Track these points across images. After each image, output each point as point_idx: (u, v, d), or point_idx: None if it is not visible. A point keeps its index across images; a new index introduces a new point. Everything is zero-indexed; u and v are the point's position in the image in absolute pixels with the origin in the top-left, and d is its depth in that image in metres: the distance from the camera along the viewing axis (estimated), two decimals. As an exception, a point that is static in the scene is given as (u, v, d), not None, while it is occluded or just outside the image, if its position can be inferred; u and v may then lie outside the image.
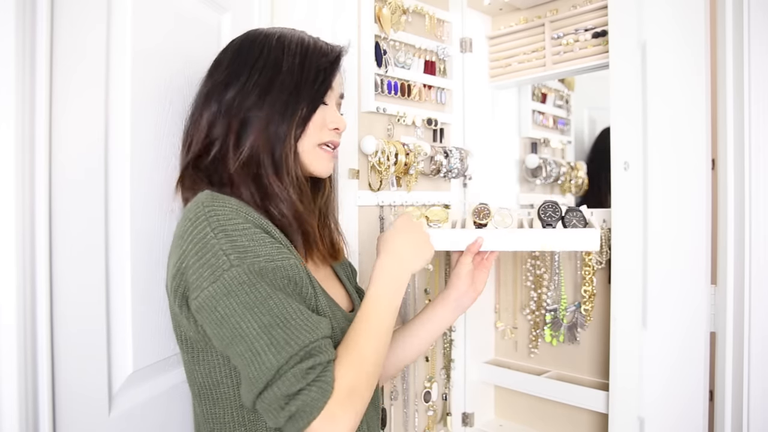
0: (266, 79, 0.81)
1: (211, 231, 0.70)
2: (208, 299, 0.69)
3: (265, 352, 0.67)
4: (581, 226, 1.04)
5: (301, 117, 0.83)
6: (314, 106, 0.84)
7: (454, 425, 1.64)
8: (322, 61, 0.85)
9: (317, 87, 0.84)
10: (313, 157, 0.86)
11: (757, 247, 1.09)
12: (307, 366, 0.67)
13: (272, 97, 0.81)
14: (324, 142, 0.87)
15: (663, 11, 1.21)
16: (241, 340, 0.68)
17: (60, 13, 0.72)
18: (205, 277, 0.69)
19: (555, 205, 1.07)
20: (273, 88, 0.81)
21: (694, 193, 1.17)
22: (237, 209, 0.74)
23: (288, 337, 0.68)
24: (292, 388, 0.66)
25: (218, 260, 0.69)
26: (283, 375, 0.66)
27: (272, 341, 0.67)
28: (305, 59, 0.84)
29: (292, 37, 0.86)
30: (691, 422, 1.18)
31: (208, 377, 0.79)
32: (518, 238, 1.05)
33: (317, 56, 0.85)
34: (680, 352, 1.20)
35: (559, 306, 1.53)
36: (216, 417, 0.79)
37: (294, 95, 0.82)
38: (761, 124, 1.09)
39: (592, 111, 2.20)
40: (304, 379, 0.67)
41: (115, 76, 0.83)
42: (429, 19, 1.57)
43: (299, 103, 0.82)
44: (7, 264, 0.66)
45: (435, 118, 1.56)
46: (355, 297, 0.97)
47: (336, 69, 0.87)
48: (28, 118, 0.67)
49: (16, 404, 0.66)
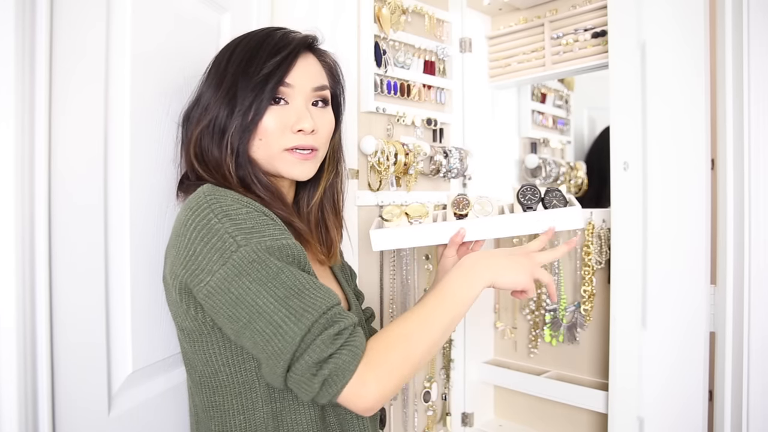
0: (216, 83, 0.82)
1: (214, 216, 0.70)
2: (221, 282, 0.69)
3: (286, 323, 0.67)
4: (561, 205, 1.02)
5: (245, 121, 0.79)
6: (258, 108, 0.79)
7: (453, 425, 1.64)
8: (270, 62, 0.80)
9: (259, 89, 0.79)
10: (280, 162, 0.83)
11: (757, 247, 1.09)
12: (334, 332, 0.68)
13: (218, 101, 0.81)
14: (287, 147, 0.82)
15: (662, 11, 1.21)
16: (260, 316, 0.68)
17: (59, 12, 0.72)
18: (214, 260, 0.69)
19: (534, 188, 1.05)
20: (219, 91, 0.81)
21: (693, 193, 1.17)
22: (239, 198, 0.74)
23: (306, 305, 0.68)
24: (323, 354, 0.66)
25: (225, 243, 0.69)
26: (311, 343, 0.67)
27: (291, 311, 0.67)
28: (252, 59, 0.80)
29: (249, 39, 0.84)
30: (691, 422, 1.19)
31: (207, 365, 0.79)
32: (500, 224, 1.04)
33: (266, 56, 0.80)
34: (680, 352, 1.20)
35: (558, 306, 1.53)
36: (215, 405, 0.79)
37: (233, 98, 0.80)
38: (761, 124, 1.09)
39: (592, 111, 2.20)
40: (333, 344, 0.67)
41: (114, 75, 0.82)
42: (428, 19, 1.57)
43: (238, 106, 0.79)
44: (7, 265, 0.65)
45: (434, 118, 1.56)
46: (352, 299, 0.97)
47: (288, 64, 0.81)
48: (27, 117, 0.67)
49: (15, 404, 0.66)
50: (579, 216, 1.01)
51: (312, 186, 0.94)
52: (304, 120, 0.82)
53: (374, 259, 1.44)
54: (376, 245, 1.09)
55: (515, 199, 1.07)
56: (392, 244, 1.10)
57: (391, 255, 1.48)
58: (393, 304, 1.48)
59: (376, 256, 1.45)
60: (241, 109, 0.79)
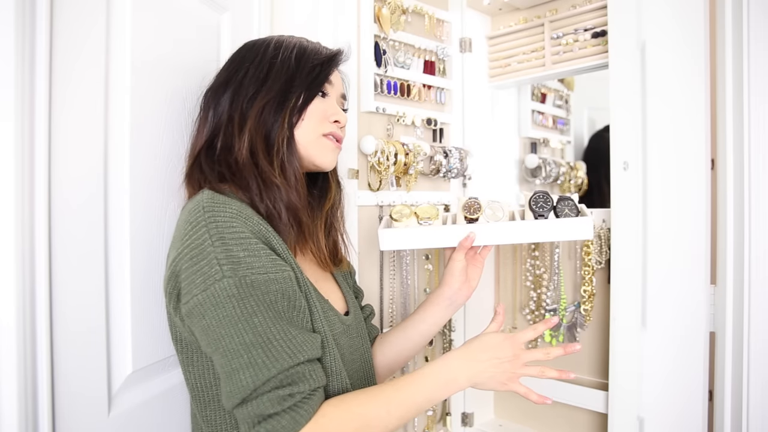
0: (262, 72, 0.85)
1: (209, 237, 0.70)
2: (197, 306, 0.69)
3: (243, 371, 0.67)
4: (573, 215, 1.02)
5: (297, 104, 0.85)
6: (310, 94, 0.86)
7: (453, 425, 1.64)
8: (318, 57, 0.87)
9: (313, 77, 0.86)
10: (316, 147, 0.87)
11: (757, 247, 1.09)
12: (285, 393, 0.67)
13: (267, 87, 0.84)
14: (326, 133, 0.88)
15: (662, 11, 1.21)
16: (222, 354, 0.68)
17: (59, 13, 0.72)
18: (197, 284, 0.69)
19: (546, 195, 1.04)
20: (268, 78, 0.84)
21: (693, 193, 1.17)
22: (237, 214, 0.73)
23: (267, 360, 0.67)
24: (265, 411, 0.66)
25: (211, 269, 0.69)
26: (258, 396, 0.67)
27: (251, 361, 0.67)
28: (302, 55, 0.87)
29: (290, 40, 0.89)
30: (691, 422, 1.19)
31: (200, 379, 0.79)
32: (511, 230, 1.03)
33: (313, 53, 0.88)
34: (680, 351, 1.20)
35: (558, 306, 1.53)
36: (209, 419, 0.79)
37: (288, 83, 0.84)
38: (760, 124, 1.09)
39: (592, 111, 2.20)
40: (280, 404, 0.67)
41: (114, 75, 0.82)
42: (428, 19, 1.57)
43: (293, 91, 0.84)
44: (7, 265, 0.65)
45: (434, 118, 1.56)
46: (351, 299, 0.96)
47: (333, 64, 0.89)
48: (27, 117, 0.67)
49: (15, 404, 0.66)
50: (590, 227, 1.01)
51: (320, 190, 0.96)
52: (340, 113, 0.90)
53: (374, 259, 1.44)
54: (384, 245, 1.08)
55: (527, 206, 1.06)
56: (401, 245, 1.08)
57: (391, 255, 1.48)
58: (393, 304, 1.48)
59: (376, 256, 1.45)
60: (296, 92, 0.85)
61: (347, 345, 0.87)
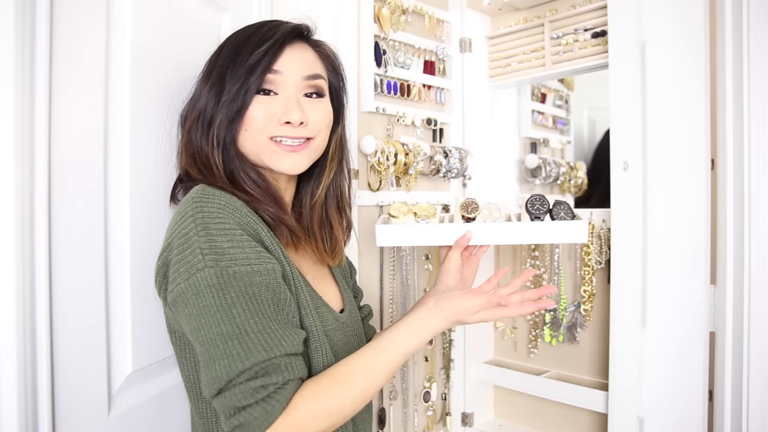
0: (206, 76, 0.83)
1: (194, 228, 0.70)
2: (181, 295, 0.69)
3: (219, 362, 0.66)
4: (569, 218, 1.04)
5: (231, 111, 0.78)
6: (244, 98, 0.78)
7: (453, 425, 1.64)
8: (257, 51, 0.79)
9: (245, 77, 0.78)
10: (266, 154, 0.81)
11: (757, 247, 1.09)
12: (257, 384, 0.65)
13: (206, 94, 0.81)
14: (272, 136, 0.80)
15: (662, 11, 1.21)
16: (201, 343, 0.68)
17: (59, 12, 0.72)
18: (180, 273, 0.70)
19: (542, 198, 1.07)
20: (207, 84, 0.81)
21: (693, 193, 1.17)
22: (225, 205, 0.73)
23: (242, 351, 0.66)
24: (238, 403, 0.65)
25: (194, 258, 0.69)
26: (232, 388, 0.66)
27: (227, 352, 0.66)
28: (240, 49, 0.80)
29: (240, 31, 0.83)
30: (691, 422, 1.19)
31: (193, 371, 0.79)
32: (507, 231, 1.05)
33: (254, 45, 0.79)
34: (680, 352, 1.20)
35: (558, 306, 1.53)
36: (201, 410, 0.79)
37: (220, 89, 0.80)
38: (760, 124, 1.09)
39: (592, 111, 2.20)
40: (252, 396, 0.65)
41: (114, 75, 0.83)
42: (428, 19, 1.57)
43: (224, 96, 0.79)
44: (7, 264, 0.65)
45: (434, 118, 1.56)
46: (348, 297, 0.96)
47: (275, 52, 0.79)
48: (27, 116, 0.67)
49: (15, 404, 0.66)
50: (585, 231, 1.03)
51: (314, 182, 0.92)
52: (292, 111, 0.79)
53: (374, 259, 1.44)
54: (381, 240, 1.09)
55: (523, 208, 1.08)
56: (397, 241, 1.09)
57: (391, 254, 1.48)
58: (393, 304, 1.48)
59: (377, 256, 1.45)
60: (227, 99, 0.78)
61: (342, 343, 0.86)
